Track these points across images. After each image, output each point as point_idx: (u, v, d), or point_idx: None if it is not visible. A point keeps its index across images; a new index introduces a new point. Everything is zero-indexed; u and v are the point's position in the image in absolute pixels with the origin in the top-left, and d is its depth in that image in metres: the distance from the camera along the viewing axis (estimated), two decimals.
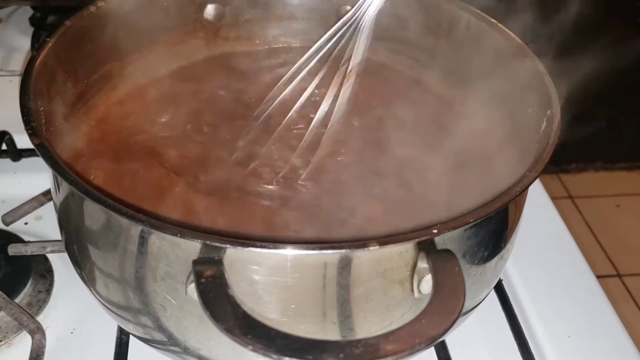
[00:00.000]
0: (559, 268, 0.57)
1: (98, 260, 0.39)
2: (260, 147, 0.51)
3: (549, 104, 0.44)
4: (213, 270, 0.32)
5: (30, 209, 0.56)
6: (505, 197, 0.36)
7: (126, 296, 0.38)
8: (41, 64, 0.44)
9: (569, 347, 0.50)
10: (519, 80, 0.49)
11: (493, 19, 0.52)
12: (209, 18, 0.59)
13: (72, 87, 0.50)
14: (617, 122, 1.87)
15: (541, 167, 0.38)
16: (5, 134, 0.62)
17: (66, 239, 0.43)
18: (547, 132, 0.42)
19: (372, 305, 0.36)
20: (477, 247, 0.38)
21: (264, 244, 0.32)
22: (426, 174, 0.50)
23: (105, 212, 0.36)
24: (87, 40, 0.51)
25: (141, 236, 0.35)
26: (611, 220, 1.75)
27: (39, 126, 0.39)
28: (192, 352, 0.39)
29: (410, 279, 0.35)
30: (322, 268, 0.34)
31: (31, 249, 0.52)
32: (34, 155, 0.63)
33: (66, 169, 0.36)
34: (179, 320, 0.37)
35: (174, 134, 0.53)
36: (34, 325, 0.47)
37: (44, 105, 0.44)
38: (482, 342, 0.50)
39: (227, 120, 0.55)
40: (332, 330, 0.36)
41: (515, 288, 0.55)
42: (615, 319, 0.53)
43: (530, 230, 0.55)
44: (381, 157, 0.52)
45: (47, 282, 0.52)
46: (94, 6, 0.51)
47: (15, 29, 0.85)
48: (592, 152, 1.91)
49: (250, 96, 0.57)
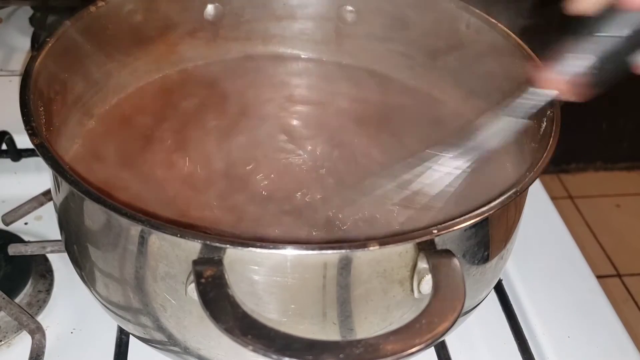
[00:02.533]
0: (559, 268, 0.57)
1: (98, 260, 0.39)
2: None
3: (549, 104, 0.44)
4: (213, 271, 0.32)
5: (30, 209, 0.56)
6: (505, 197, 0.36)
7: (126, 296, 0.38)
8: (41, 64, 0.44)
9: (569, 346, 0.51)
10: (519, 80, 0.49)
11: (493, 19, 0.52)
12: (209, 18, 0.59)
13: (72, 87, 0.50)
14: (617, 122, 1.87)
15: (541, 167, 0.38)
16: (5, 134, 0.62)
17: (66, 239, 0.43)
18: (547, 132, 0.42)
19: (372, 305, 0.36)
20: (477, 247, 0.38)
21: (264, 244, 0.32)
22: (426, 175, 0.50)
23: (105, 212, 0.36)
24: (87, 40, 0.51)
25: (141, 236, 0.35)
26: (611, 220, 1.75)
27: (39, 126, 0.39)
28: (192, 352, 0.39)
29: (410, 279, 0.35)
30: (322, 268, 0.34)
31: (31, 249, 0.52)
32: (34, 155, 0.63)
33: (66, 169, 0.36)
34: (179, 320, 0.37)
35: (175, 134, 0.53)
36: (34, 325, 0.47)
37: (44, 105, 0.44)
38: (482, 342, 0.50)
39: (228, 120, 0.55)
40: (332, 330, 0.36)
41: (515, 288, 0.55)
42: (615, 319, 0.53)
43: (530, 230, 0.56)
44: (376, 156, 0.52)
45: (47, 282, 0.52)
46: (94, 6, 0.51)
47: (15, 29, 0.85)
48: (592, 152, 1.91)
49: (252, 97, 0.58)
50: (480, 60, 0.53)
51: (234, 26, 0.60)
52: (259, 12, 0.60)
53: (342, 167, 0.51)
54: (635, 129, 1.88)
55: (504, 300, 0.52)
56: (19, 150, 0.63)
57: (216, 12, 0.59)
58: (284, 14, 0.61)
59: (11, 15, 0.87)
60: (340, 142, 0.53)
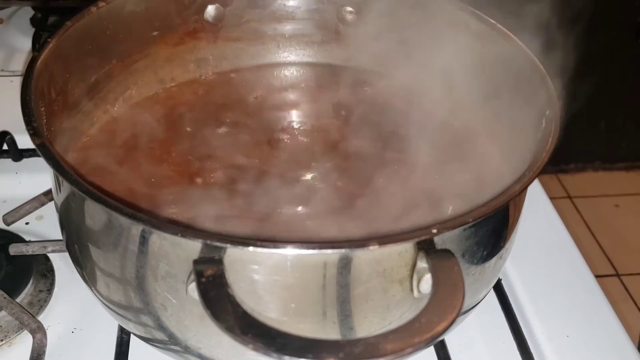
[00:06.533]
0: (558, 268, 0.57)
1: (99, 260, 0.39)
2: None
3: (549, 104, 0.44)
4: (213, 270, 0.32)
5: (31, 208, 0.56)
6: (504, 196, 0.37)
7: (127, 296, 0.39)
8: (42, 65, 0.44)
9: (568, 346, 0.51)
10: (519, 80, 0.49)
11: (492, 20, 0.52)
12: (209, 19, 0.59)
13: (73, 88, 0.50)
14: (616, 122, 1.87)
15: (540, 167, 0.39)
16: (6, 134, 0.63)
17: (67, 238, 0.43)
18: (546, 132, 0.42)
19: (371, 304, 0.36)
20: (476, 246, 0.38)
21: (264, 243, 0.32)
22: (425, 175, 0.50)
23: (106, 212, 0.36)
24: (87, 40, 0.51)
25: (142, 236, 0.35)
26: (610, 220, 1.76)
27: (40, 126, 0.39)
28: (193, 351, 0.39)
29: (410, 278, 0.35)
30: (322, 268, 0.34)
31: (32, 249, 0.52)
32: (35, 156, 0.63)
33: (67, 169, 0.36)
34: (179, 319, 0.37)
35: (176, 135, 0.53)
36: (35, 324, 0.47)
37: (45, 105, 0.44)
38: (481, 342, 0.50)
39: (228, 120, 0.55)
40: (332, 329, 0.36)
41: (514, 287, 0.55)
42: (614, 319, 0.53)
43: (529, 230, 0.56)
44: (377, 157, 0.52)
45: (48, 281, 0.52)
46: (95, 6, 0.51)
47: (16, 30, 0.85)
48: (591, 152, 1.91)
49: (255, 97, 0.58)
50: (479, 61, 0.53)
51: (235, 27, 0.60)
52: (259, 13, 0.60)
53: (342, 167, 0.51)
54: (634, 129, 1.88)
55: (503, 299, 0.52)
56: (20, 151, 0.63)
57: (217, 13, 0.59)
58: (284, 15, 0.61)
59: (12, 16, 0.87)
60: (340, 142, 0.54)
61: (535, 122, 0.45)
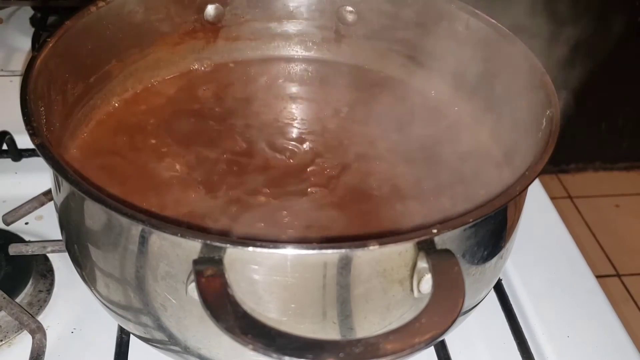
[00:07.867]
0: (559, 268, 0.57)
1: (99, 260, 0.39)
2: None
3: (549, 104, 0.44)
4: (213, 270, 0.32)
5: (30, 208, 0.56)
6: (504, 196, 0.37)
7: (127, 296, 0.39)
8: (42, 64, 0.44)
9: (568, 346, 0.51)
10: (519, 80, 0.49)
11: (492, 19, 0.52)
12: (209, 19, 0.59)
13: (72, 87, 0.50)
14: (617, 122, 1.87)
15: (540, 167, 0.39)
16: (5, 134, 0.63)
17: (67, 238, 0.43)
18: (546, 132, 0.42)
19: (372, 304, 0.36)
20: (476, 246, 0.38)
21: (264, 243, 0.32)
22: (425, 174, 0.50)
23: (106, 212, 0.36)
24: (87, 40, 0.51)
25: (142, 236, 0.35)
26: (610, 220, 1.76)
27: (39, 126, 0.39)
28: (193, 352, 0.39)
29: (410, 278, 0.35)
30: (322, 268, 0.34)
31: (32, 249, 0.52)
32: (34, 155, 0.63)
33: (67, 169, 0.36)
34: (179, 319, 0.37)
35: (176, 134, 0.53)
36: (35, 324, 0.47)
37: (44, 105, 0.44)
38: (481, 342, 0.50)
39: (228, 121, 0.55)
40: (332, 329, 0.36)
41: (515, 288, 0.55)
42: (615, 319, 0.53)
43: (530, 230, 0.56)
44: (378, 157, 0.52)
45: (48, 281, 0.52)
46: (95, 6, 0.51)
47: (15, 29, 0.85)
48: (591, 152, 1.91)
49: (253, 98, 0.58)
50: (480, 60, 0.53)
51: (235, 27, 0.60)
52: (259, 12, 0.60)
53: (342, 165, 0.51)
54: (634, 129, 1.88)
55: (504, 299, 0.52)
56: (20, 150, 0.63)
57: (216, 13, 0.59)
58: (284, 15, 0.61)
59: (12, 16, 0.87)
60: (340, 142, 0.54)
61: (536, 122, 0.45)
